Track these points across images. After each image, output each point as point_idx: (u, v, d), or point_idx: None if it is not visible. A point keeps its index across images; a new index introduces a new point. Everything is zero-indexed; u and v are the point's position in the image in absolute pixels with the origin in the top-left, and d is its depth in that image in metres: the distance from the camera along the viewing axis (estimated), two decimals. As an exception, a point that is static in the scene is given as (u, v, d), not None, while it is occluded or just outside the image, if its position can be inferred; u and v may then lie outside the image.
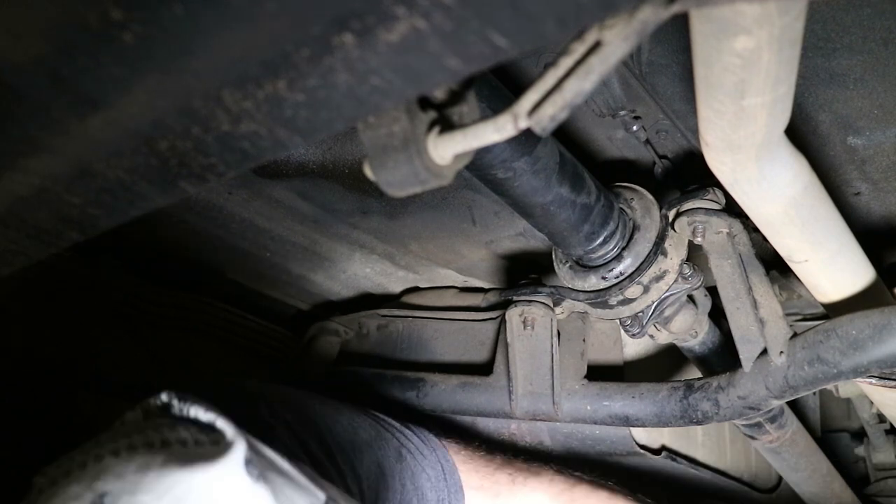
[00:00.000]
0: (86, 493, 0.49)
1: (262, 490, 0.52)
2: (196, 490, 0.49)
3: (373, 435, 0.85)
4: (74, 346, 1.17)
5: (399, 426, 0.91)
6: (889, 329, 0.77)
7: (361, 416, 0.87)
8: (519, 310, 1.07)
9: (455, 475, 0.92)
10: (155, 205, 0.46)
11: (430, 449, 0.91)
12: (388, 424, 0.90)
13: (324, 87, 0.35)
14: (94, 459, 0.52)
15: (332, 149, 0.99)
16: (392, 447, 0.86)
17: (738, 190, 0.74)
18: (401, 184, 0.43)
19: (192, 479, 0.50)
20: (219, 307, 1.36)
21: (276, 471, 0.56)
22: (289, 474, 0.57)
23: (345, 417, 0.84)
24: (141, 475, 0.50)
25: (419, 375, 1.17)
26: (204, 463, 0.51)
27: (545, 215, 0.81)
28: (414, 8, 0.30)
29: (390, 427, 0.90)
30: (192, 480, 0.50)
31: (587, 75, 0.36)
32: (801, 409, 1.66)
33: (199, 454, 0.52)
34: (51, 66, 0.37)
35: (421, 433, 0.94)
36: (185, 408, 0.58)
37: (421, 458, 0.89)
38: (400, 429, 0.91)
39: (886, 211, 0.99)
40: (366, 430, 0.85)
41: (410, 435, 0.91)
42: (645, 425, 1.00)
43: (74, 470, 0.52)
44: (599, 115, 0.90)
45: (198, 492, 0.49)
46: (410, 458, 0.87)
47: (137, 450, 0.52)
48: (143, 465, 0.50)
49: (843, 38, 0.70)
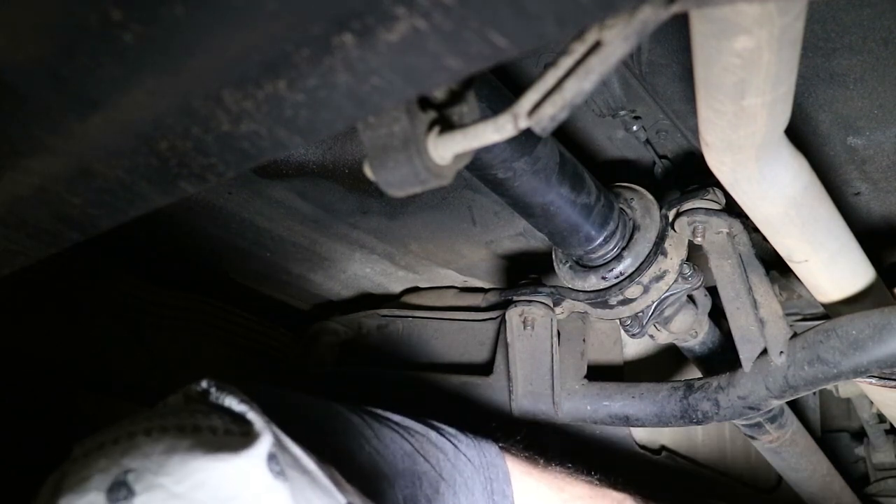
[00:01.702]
0: (112, 467, 0.50)
1: (280, 486, 0.52)
2: (216, 478, 0.50)
3: (399, 471, 0.77)
4: (75, 346, 1.17)
5: (441, 444, 0.83)
6: (889, 329, 0.77)
7: (395, 443, 0.79)
8: (519, 310, 1.07)
9: (507, 485, 0.85)
10: (155, 205, 0.46)
11: (475, 467, 0.83)
12: (430, 445, 0.82)
13: (324, 87, 0.35)
14: (126, 436, 0.53)
15: (332, 149, 0.99)
16: (427, 480, 0.79)
17: (738, 190, 0.74)
18: (401, 184, 0.43)
19: (213, 468, 0.50)
20: (219, 307, 1.36)
21: (300, 469, 0.56)
22: (313, 474, 0.57)
23: (364, 452, 0.77)
24: (166, 457, 0.51)
25: (419, 375, 1.17)
26: (228, 453, 0.51)
27: (545, 215, 0.81)
28: (414, 8, 0.30)
29: (429, 448, 0.81)
30: (214, 469, 0.50)
31: (587, 75, 0.36)
32: (801, 409, 1.66)
33: (226, 443, 0.53)
34: (51, 66, 0.37)
35: (472, 448, 0.85)
36: (221, 396, 0.59)
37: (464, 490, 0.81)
38: (443, 448, 0.83)
39: (886, 211, 0.99)
40: (388, 468, 0.77)
41: (455, 455, 0.82)
42: (645, 425, 1.00)
43: (108, 444, 0.53)
44: (599, 115, 0.90)
45: (217, 480, 0.50)
46: (451, 492, 0.80)
47: (168, 431, 0.53)
48: (169, 448, 0.51)
49: (843, 38, 0.70)
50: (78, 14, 0.34)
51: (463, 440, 0.87)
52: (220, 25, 0.33)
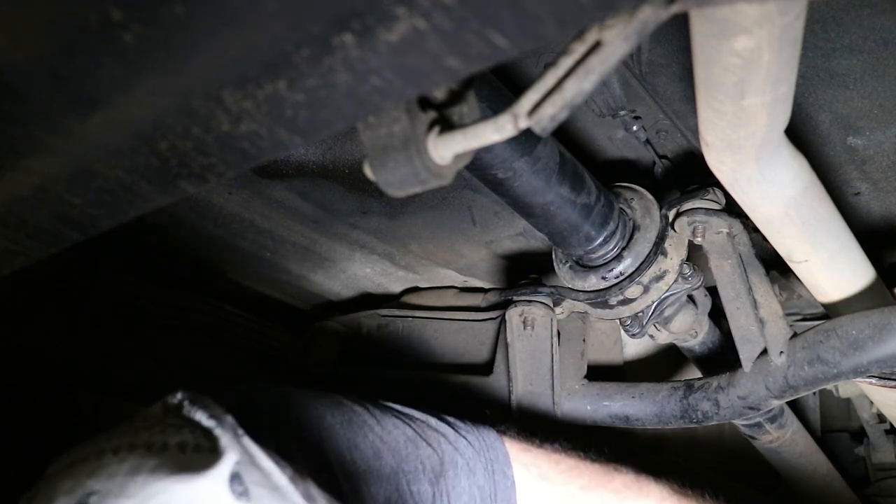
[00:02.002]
0: (77, 489, 0.51)
1: None
2: (176, 500, 0.50)
3: (403, 456, 0.79)
4: (75, 346, 1.17)
5: (442, 429, 0.85)
6: (889, 329, 0.77)
7: (398, 429, 0.81)
8: (519, 310, 1.07)
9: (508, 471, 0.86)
10: (155, 205, 0.46)
11: (475, 450, 0.85)
12: (430, 430, 0.84)
13: (324, 87, 0.35)
14: (95, 455, 0.54)
15: (332, 149, 0.99)
16: (430, 464, 0.80)
17: (738, 190, 0.74)
18: (401, 184, 0.43)
19: (174, 489, 0.51)
20: (219, 307, 1.36)
21: (270, 486, 0.56)
22: (282, 490, 0.56)
23: (368, 440, 0.78)
24: (130, 478, 0.51)
25: (419, 375, 1.17)
26: (190, 474, 0.52)
27: (545, 215, 0.81)
28: (414, 8, 0.30)
29: (430, 433, 0.83)
30: (175, 491, 0.51)
31: (587, 75, 0.36)
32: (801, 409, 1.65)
33: (191, 462, 0.53)
34: (51, 66, 0.37)
35: (471, 432, 0.87)
36: (192, 410, 0.59)
37: (466, 471, 0.83)
38: (444, 432, 0.84)
39: (886, 211, 0.99)
40: (391, 454, 0.78)
41: (456, 438, 0.84)
42: (645, 425, 1.00)
43: (77, 463, 0.54)
44: (599, 115, 0.90)
45: (177, 502, 0.50)
46: (452, 473, 0.81)
47: (136, 450, 0.54)
48: (134, 468, 0.52)
49: (843, 38, 0.70)
50: (78, 14, 0.34)
51: (462, 426, 0.88)
52: (220, 25, 0.33)
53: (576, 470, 0.91)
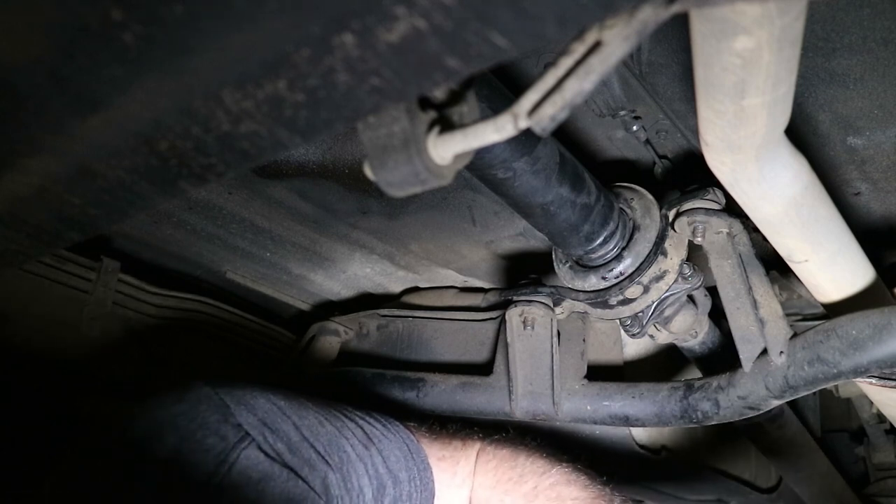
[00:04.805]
0: None
1: None
2: None
3: (338, 426, 0.90)
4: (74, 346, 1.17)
5: (361, 414, 0.97)
6: (889, 329, 0.77)
7: (326, 409, 0.93)
8: (519, 310, 1.07)
9: (420, 453, 0.97)
10: (155, 205, 0.46)
11: (392, 432, 0.96)
12: (352, 414, 0.96)
13: (324, 87, 0.35)
14: None
15: (332, 149, 0.99)
16: (358, 436, 0.91)
17: (738, 190, 0.74)
18: (401, 184, 0.43)
19: None
20: (219, 307, 1.36)
21: None
22: None
23: (311, 412, 0.89)
24: None
25: (419, 375, 1.17)
26: None
27: (545, 215, 0.81)
28: (414, 8, 0.30)
29: (354, 416, 0.95)
30: None
31: (587, 75, 0.36)
32: (801, 409, 1.66)
33: None
34: (51, 66, 0.37)
35: (383, 418, 0.99)
36: None
37: (387, 442, 0.94)
38: (363, 416, 0.97)
39: (886, 211, 0.99)
40: (331, 422, 0.90)
41: (373, 421, 0.96)
42: (645, 425, 1.00)
43: None
44: (599, 115, 0.90)
45: None
46: (377, 443, 0.93)
47: None
48: None
49: (843, 38, 0.70)
50: (78, 14, 0.34)
51: (375, 415, 0.99)
52: (220, 25, 0.33)
53: (477, 447, 1.01)
